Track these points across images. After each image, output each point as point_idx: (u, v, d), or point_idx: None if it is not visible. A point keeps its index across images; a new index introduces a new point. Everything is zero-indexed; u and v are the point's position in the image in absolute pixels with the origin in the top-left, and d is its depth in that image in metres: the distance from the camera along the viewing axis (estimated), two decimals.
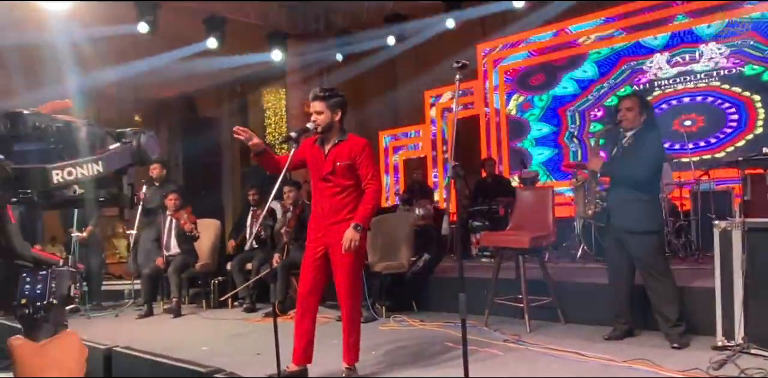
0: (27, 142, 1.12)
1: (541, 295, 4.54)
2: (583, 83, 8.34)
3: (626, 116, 3.81)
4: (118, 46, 8.27)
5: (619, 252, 3.86)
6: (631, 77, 7.84)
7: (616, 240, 3.85)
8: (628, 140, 3.84)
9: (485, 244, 4.88)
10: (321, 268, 3.30)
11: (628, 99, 3.91)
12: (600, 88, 8.13)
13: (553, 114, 8.60)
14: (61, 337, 0.93)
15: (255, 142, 3.18)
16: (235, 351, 4.19)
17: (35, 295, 0.96)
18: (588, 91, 8.27)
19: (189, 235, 6.04)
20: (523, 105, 8.98)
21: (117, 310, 6.32)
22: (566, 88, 8.55)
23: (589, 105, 8.24)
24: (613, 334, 3.95)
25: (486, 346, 3.90)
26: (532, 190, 5.20)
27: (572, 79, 8.47)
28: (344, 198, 3.26)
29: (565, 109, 8.47)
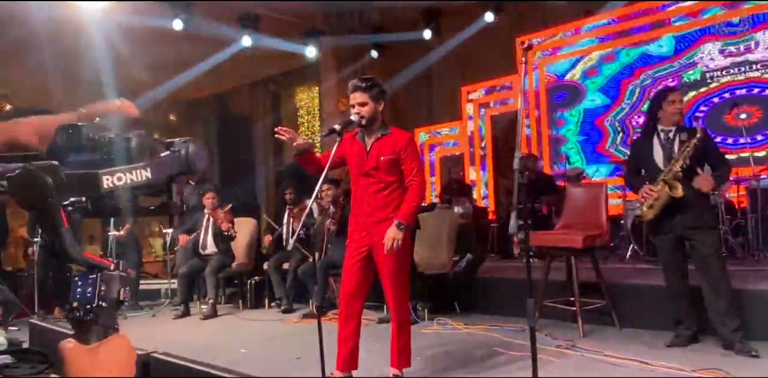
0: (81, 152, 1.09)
1: (593, 298, 4.28)
2: (611, 93, 7.97)
3: (684, 109, 3.58)
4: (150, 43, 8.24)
5: (676, 252, 3.62)
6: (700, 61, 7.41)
7: (675, 239, 3.60)
8: (678, 135, 3.57)
9: (534, 243, 4.61)
10: (365, 269, 3.12)
11: (679, 91, 3.67)
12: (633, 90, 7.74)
13: (591, 126, 8.27)
14: (112, 340, 0.89)
15: (300, 142, 3.03)
16: (274, 355, 4.05)
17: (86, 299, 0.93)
18: (620, 100, 7.90)
19: (225, 234, 5.94)
20: (557, 121, 8.67)
21: (154, 310, 6.26)
22: (594, 100, 8.23)
23: (626, 113, 7.89)
24: (675, 340, 3.68)
25: (539, 351, 3.64)
26: (584, 187, 4.92)
27: (598, 92, 8.14)
28: (388, 195, 3.07)
29: (602, 120, 8.14)
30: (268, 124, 12.70)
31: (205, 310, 5.75)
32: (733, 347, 3.39)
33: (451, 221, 5.43)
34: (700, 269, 3.55)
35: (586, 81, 8.33)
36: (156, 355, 2.21)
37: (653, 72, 7.69)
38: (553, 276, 4.50)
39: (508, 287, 5.08)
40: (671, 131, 3.63)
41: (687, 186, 3.49)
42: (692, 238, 3.53)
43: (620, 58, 8.05)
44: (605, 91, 8.13)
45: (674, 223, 3.59)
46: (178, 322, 5.64)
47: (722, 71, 7.10)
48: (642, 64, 7.83)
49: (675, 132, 3.61)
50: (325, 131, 3.07)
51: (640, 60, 7.85)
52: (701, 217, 3.51)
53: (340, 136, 2.91)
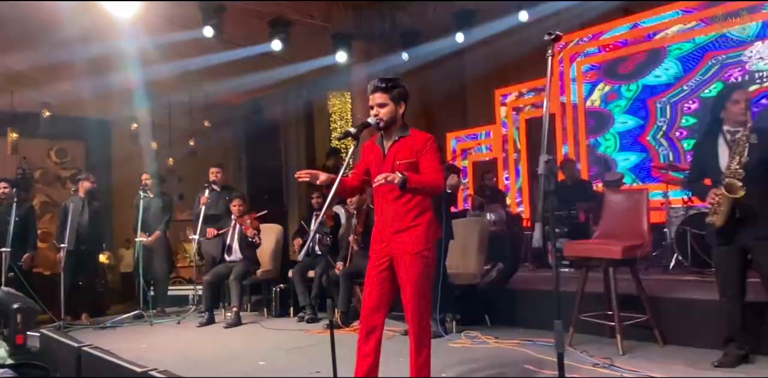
0: None
1: (633, 312, 4.00)
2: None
3: (746, 111, 3.28)
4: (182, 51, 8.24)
5: (737, 263, 3.32)
6: (720, 73, 7.04)
7: (738, 249, 3.30)
8: (752, 137, 3.25)
9: (569, 254, 4.36)
10: (387, 281, 2.92)
11: (746, 91, 3.45)
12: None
13: (642, 105, 7.81)
14: None
15: (323, 179, 2.86)
16: (293, 367, 3.89)
17: None
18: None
19: (251, 240, 5.84)
20: (608, 95, 8.23)
21: (179, 317, 6.19)
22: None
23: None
24: (724, 360, 3.39)
25: (573, 370, 3.42)
26: (624, 194, 4.64)
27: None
28: (407, 202, 2.86)
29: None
30: (301, 130, 12.65)
31: (228, 319, 5.64)
32: None
33: (481, 229, 5.21)
34: (765, 285, 3.27)
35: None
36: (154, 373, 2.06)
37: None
38: (590, 288, 4.23)
39: (542, 299, 4.82)
40: (738, 132, 3.31)
41: (755, 192, 3.19)
42: (756, 250, 3.24)
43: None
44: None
45: (739, 232, 3.29)
46: (201, 330, 5.54)
47: None
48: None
49: (749, 133, 3.28)
50: (340, 134, 2.90)
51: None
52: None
53: (357, 140, 2.74)
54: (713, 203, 3.29)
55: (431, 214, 2.94)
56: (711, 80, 7.16)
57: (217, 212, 6.56)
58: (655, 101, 7.70)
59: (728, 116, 3.38)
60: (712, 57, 7.16)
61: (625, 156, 7.98)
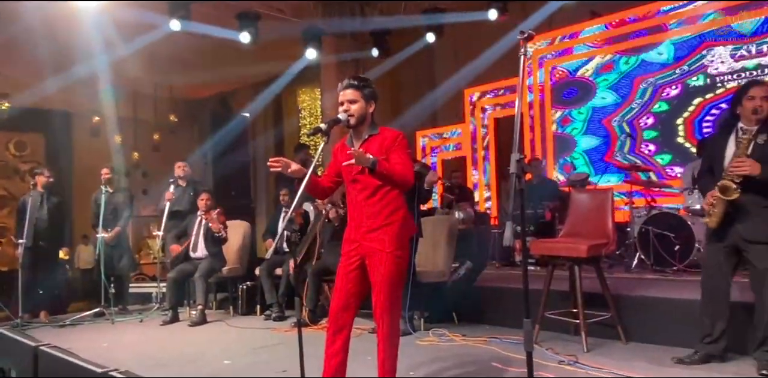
0: None
1: (597, 310, 4.06)
2: (623, 91, 7.77)
3: (763, 107, 3.20)
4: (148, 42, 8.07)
5: (726, 263, 3.33)
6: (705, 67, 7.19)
7: (729, 250, 3.31)
8: (759, 136, 3.22)
9: (535, 252, 4.40)
10: (357, 280, 2.89)
11: (763, 86, 3.28)
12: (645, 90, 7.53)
13: (598, 125, 8.05)
14: None
15: (293, 169, 2.79)
16: (260, 366, 3.83)
17: None
18: (630, 99, 7.68)
19: (216, 235, 5.75)
20: (561, 120, 8.46)
21: (142, 315, 6.06)
22: (604, 98, 8.01)
23: (635, 114, 7.66)
24: (689, 357, 3.44)
25: (539, 367, 3.44)
26: (590, 193, 4.70)
27: (608, 89, 7.92)
28: (378, 201, 2.84)
29: (610, 119, 7.91)
30: (269, 126, 12.54)
31: (193, 317, 5.54)
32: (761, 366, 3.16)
33: (450, 227, 5.22)
34: (753, 286, 3.28)
35: (599, 78, 8.13)
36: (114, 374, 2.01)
37: (654, 79, 7.50)
38: (556, 286, 4.28)
39: (510, 297, 4.87)
40: (752, 131, 3.26)
41: (751, 193, 3.18)
42: (747, 250, 3.24)
43: (618, 67, 7.91)
44: (617, 88, 7.93)
45: (731, 231, 3.27)
46: (164, 329, 5.43)
47: (732, 75, 6.88)
48: (642, 72, 7.64)
49: (757, 132, 3.25)
50: (310, 131, 2.85)
51: (639, 68, 7.68)
52: (761, 229, 3.18)
53: (327, 136, 2.70)
54: (709, 204, 3.28)
55: (405, 211, 2.93)
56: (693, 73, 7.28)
57: (182, 208, 6.45)
58: (611, 120, 7.92)
59: (743, 113, 3.29)
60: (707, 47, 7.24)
61: (588, 139, 8.15)
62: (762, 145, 3.21)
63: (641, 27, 7.70)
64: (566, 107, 8.43)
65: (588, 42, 8.25)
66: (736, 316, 3.41)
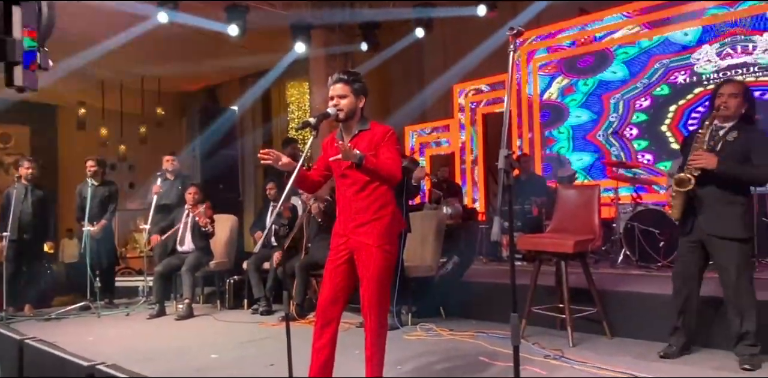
0: None
1: (583, 305, 4.10)
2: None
3: (729, 104, 3.26)
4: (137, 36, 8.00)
5: (695, 257, 3.40)
6: (666, 76, 7.27)
7: (696, 244, 3.38)
8: (729, 133, 3.30)
9: (522, 247, 4.43)
10: (345, 274, 2.90)
11: (734, 84, 3.36)
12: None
13: (596, 100, 8.03)
14: None
15: (284, 162, 2.78)
16: (247, 360, 3.84)
17: None
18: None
19: (203, 230, 5.73)
20: (565, 89, 8.41)
21: (128, 309, 6.03)
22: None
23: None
24: (669, 350, 3.51)
25: (525, 362, 3.47)
26: (577, 189, 4.74)
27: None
28: (368, 196, 2.84)
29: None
30: (258, 119, 12.47)
31: (180, 311, 5.52)
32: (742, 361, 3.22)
33: (438, 222, 5.23)
34: (721, 280, 3.34)
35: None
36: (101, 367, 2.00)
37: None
38: (542, 281, 4.32)
39: (497, 292, 4.89)
40: (724, 129, 3.34)
41: (714, 188, 3.26)
42: (710, 244, 3.31)
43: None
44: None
45: (696, 225, 3.35)
46: (151, 323, 5.41)
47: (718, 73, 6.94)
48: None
49: (728, 130, 3.32)
50: (299, 125, 2.84)
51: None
52: (722, 225, 3.24)
53: (316, 131, 2.70)
54: (670, 196, 3.38)
55: (394, 206, 2.93)
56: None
57: (169, 202, 6.41)
58: (610, 96, 7.90)
59: (715, 111, 3.35)
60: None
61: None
62: (731, 142, 3.28)
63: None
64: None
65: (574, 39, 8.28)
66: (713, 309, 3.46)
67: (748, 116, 3.34)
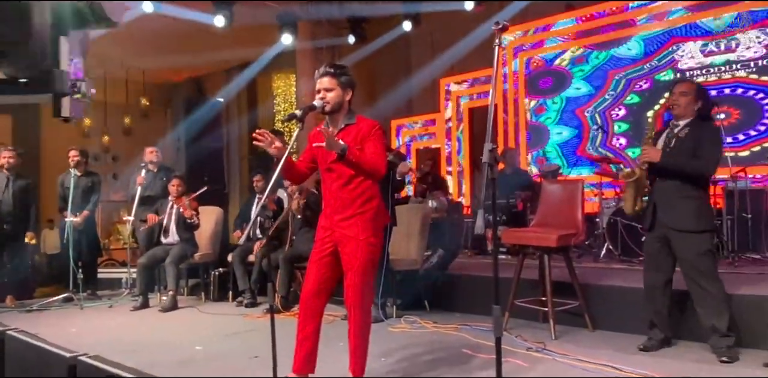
0: None
1: (566, 298, 4.15)
2: (596, 82, 7.89)
3: (678, 101, 3.43)
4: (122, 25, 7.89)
5: (661, 252, 3.49)
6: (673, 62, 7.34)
7: (660, 239, 3.47)
8: (682, 130, 3.45)
9: (506, 241, 4.47)
10: (329, 266, 2.91)
11: (684, 83, 3.54)
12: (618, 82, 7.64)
13: (571, 116, 8.16)
14: None
15: (277, 146, 2.78)
16: (231, 352, 3.84)
17: None
18: (603, 91, 7.81)
19: (189, 222, 5.70)
20: (536, 109, 8.56)
21: (112, 301, 6.00)
22: (579, 88, 8.11)
23: (608, 105, 7.79)
24: (648, 343, 3.57)
25: (508, 354, 3.51)
26: (560, 184, 4.78)
27: (583, 80, 8.04)
28: (353, 190, 2.86)
29: (583, 109, 8.03)
30: (244, 111, 12.40)
31: (164, 302, 5.51)
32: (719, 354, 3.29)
33: (423, 215, 5.25)
34: (683, 273, 3.43)
35: (575, 68, 8.22)
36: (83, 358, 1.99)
37: (625, 74, 7.63)
38: (526, 274, 4.36)
39: (480, 285, 4.93)
40: (678, 126, 3.48)
41: (672, 183, 3.39)
42: (671, 238, 3.41)
43: (590, 62, 8.00)
44: (591, 80, 8.03)
45: (657, 220, 3.48)
46: (135, 315, 5.39)
47: (701, 70, 7.02)
48: (613, 67, 7.76)
49: (682, 127, 3.46)
50: (285, 117, 2.84)
51: (610, 62, 7.79)
52: (682, 219, 3.36)
53: (301, 123, 2.70)
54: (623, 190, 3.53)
55: (379, 200, 2.95)
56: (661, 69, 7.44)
57: (153, 193, 6.36)
58: (584, 110, 8.05)
59: (672, 107, 3.49)
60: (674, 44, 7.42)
61: (560, 129, 8.28)
62: (682, 138, 3.43)
63: (610, 22, 7.82)
64: (541, 96, 8.52)
65: (560, 35, 8.34)
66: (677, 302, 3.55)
67: (703, 114, 3.48)
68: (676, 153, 3.39)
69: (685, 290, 3.48)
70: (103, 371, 1.91)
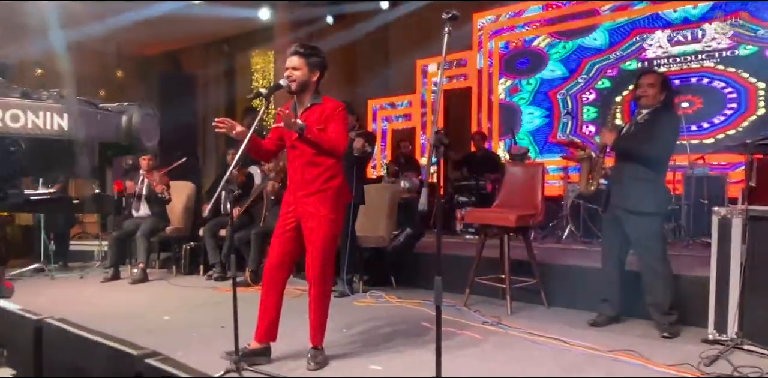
0: None
1: (525, 276, 4.33)
2: (571, 65, 8.03)
3: (647, 92, 3.57)
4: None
5: (614, 233, 3.67)
6: (638, 51, 7.49)
7: (614, 220, 3.65)
8: (643, 117, 3.61)
9: (469, 221, 4.63)
10: (291, 240, 3.04)
11: (651, 75, 3.67)
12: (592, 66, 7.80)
13: (544, 97, 8.30)
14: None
15: (238, 131, 2.86)
16: (199, 322, 3.95)
17: None
18: (577, 74, 7.95)
19: (160, 196, 5.75)
20: (510, 89, 8.68)
21: (83, 272, 6.06)
22: (554, 70, 8.24)
23: (579, 88, 7.94)
24: (598, 319, 3.78)
25: (464, 327, 3.70)
26: (522, 166, 4.93)
27: (559, 62, 8.17)
28: (315, 167, 2.96)
29: (555, 92, 8.17)
30: (221, 87, 12.32)
31: (135, 275, 5.59)
32: (661, 330, 3.49)
33: (392, 195, 5.38)
34: (634, 252, 3.62)
35: (552, 50, 8.33)
36: (49, 320, 2.09)
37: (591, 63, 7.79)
38: (490, 254, 4.52)
39: (446, 263, 5.06)
40: (641, 114, 3.64)
41: (626, 166, 3.55)
42: (625, 221, 3.57)
43: (569, 47, 8.13)
44: (566, 62, 8.16)
45: (611, 202, 3.65)
46: (105, 286, 5.47)
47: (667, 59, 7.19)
48: (579, 56, 7.91)
49: (645, 115, 3.61)
50: (251, 95, 2.92)
51: (576, 52, 7.93)
52: (634, 201, 3.51)
53: (267, 101, 2.78)
54: None
55: (341, 179, 3.05)
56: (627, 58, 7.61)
57: (126, 168, 6.39)
58: (556, 93, 8.18)
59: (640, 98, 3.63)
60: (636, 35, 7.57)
61: (532, 110, 8.42)
62: (641, 124, 3.60)
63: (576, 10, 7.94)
64: (516, 76, 8.61)
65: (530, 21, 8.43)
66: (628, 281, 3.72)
67: (667, 103, 3.62)
68: (631, 137, 3.56)
69: (638, 271, 3.66)
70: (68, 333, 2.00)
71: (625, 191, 3.55)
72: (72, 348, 1.96)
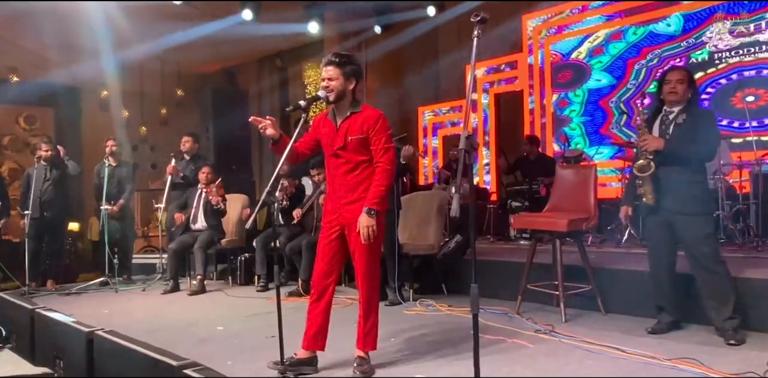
0: None
1: (580, 282, 4.19)
2: (617, 73, 7.74)
3: (676, 89, 3.46)
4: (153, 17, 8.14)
5: (664, 237, 3.52)
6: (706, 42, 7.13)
7: (663, 223, 3.49)
8: (679, 116, 3.47)
9: (517, 226, 4.53)
10: (337, 249, 3.07)
11: (679, 71, 3.56)
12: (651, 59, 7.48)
13: (596, 107, 8.03)
14: None
15: (270, 132, 2.94)
16: (250, 332, 4.02)
17: None
18: (625, 80, 7.66)
19: (216, 208, 5.91)
20: (559, 103, 8.46)
21: (145, 285, 6.28)
22: (599, 80, 7.98)
23: (631, 94, 7.65)
24: (657, 327, 3.61)
25: (515, 335, 3.60)
26: (573, 168, 4.79)
27: (603, 71, 7.90)
28: (358, 175, 2.98)
29: (607, 100, 7.90)
30: (275, 101, 12.59)
31: (193, 286, 5.74)
32: (726, 337, 3.30)
33: (440, 201, 5.33)
34: (688, 257, 3.46)
35: (592, 60, 8.09)
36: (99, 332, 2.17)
37: (661, 51, 7.44)
38: (543, 259, 4.41)
39: (498, 269, 4.99)
40: (673, 113, 3.52)
41: (676, 168, 3.41)
42: (677, 223, 3.43)
43: (627, 37, 7.81)
44: (611, 70, 7.90)
45: (662, 205, 3.49)
46: (164, 297, 5.65)
47: (731, 52, 6.83)
48: (649, 43, 7.58)
49: (677, 113, 3.50)
50: (291, 107, 2.96)
51: (647, 39, 7.60)
52: (687, 203, 3.39)
53: (306, 112, 2.82)
54: (639, 186, 3.54)
55: None
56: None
57: (185, 181, 6.60)
58: (608, 101, 7.90)
59: (664, 97, 3.55)
60: None
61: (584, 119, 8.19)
62: (680, 125, 3.45)
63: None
64: (561, 90, 8.41)
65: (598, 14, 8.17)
66: (683, 286, 3.56)
67: (694, 100, 3.52)
68: (677, 140, 3.41)
69: (691, 274, 3.49)
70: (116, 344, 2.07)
71: (675, 194, 3.41)
72: (119, 358, 2.03)
